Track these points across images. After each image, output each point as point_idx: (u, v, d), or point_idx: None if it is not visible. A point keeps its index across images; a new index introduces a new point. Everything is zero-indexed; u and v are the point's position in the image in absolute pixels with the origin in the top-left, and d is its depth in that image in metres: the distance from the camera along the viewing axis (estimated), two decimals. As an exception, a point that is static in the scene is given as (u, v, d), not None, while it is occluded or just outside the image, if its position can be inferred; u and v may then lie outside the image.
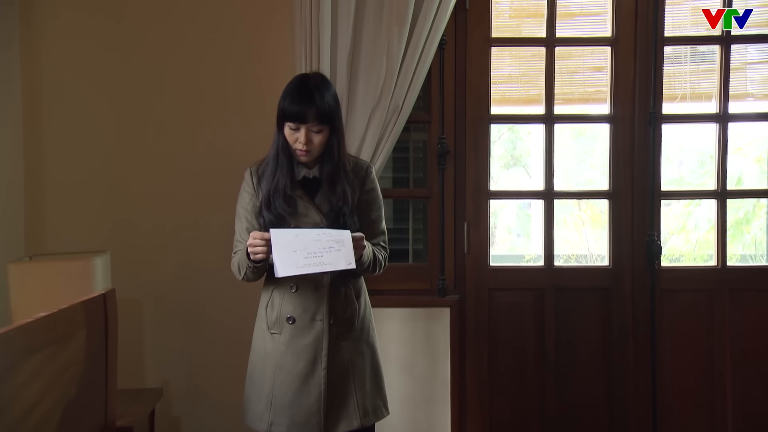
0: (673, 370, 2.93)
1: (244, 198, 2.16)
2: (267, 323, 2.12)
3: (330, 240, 1.94)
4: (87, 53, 2.84)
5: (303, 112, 2.00)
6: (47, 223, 2.85)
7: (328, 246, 1.93)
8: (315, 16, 2.62)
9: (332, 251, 1.93)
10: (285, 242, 1.93)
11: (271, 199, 2.06)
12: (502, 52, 3.02)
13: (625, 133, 2.92)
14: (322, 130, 2.04)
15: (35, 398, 1.60)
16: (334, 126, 2.07)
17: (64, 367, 1.77)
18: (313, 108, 2.00)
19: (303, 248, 1.93)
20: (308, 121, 2.01)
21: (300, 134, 2.02)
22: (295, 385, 2.06)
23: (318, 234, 1.95)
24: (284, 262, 1.92)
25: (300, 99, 2.02)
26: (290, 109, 2.02)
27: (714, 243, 3.00)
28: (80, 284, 2.43)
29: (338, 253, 1.93)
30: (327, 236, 1.94)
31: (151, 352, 2.88)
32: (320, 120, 2.02)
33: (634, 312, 2.92)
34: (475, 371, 2.91)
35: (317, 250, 1.93)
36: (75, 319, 1.86)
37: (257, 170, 2.15)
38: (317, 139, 2.04)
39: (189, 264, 2.85)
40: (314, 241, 1.93)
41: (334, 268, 1.95)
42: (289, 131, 2.05)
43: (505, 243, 4.80)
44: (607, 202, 2.98)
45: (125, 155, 2.85)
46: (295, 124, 2.02)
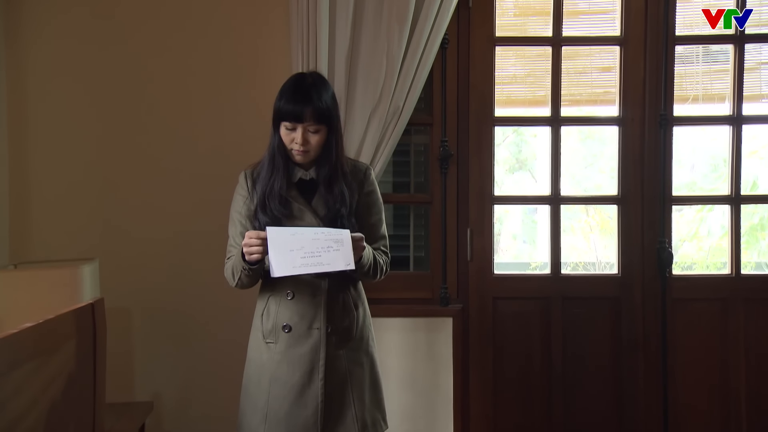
0: (685, 384, 2.93)
1: (238, 202, 2.16)
2: (262, 332, 2.12)
3: (328, 239, 1.94)
4: (73, 53, 2.84)
5: (300, 111, 2.01)
6: (33, 229, 2.85)
7: (327, 245, 1.93)
8: (312, 14, 2.63)
9: (330, 251, 1.93)
10: (282, 240, 1.92)
11: (267, 202, 2.06)
12: (507, 51, 3.02)
13: (635, 136, 2.93)
14: (320, 130, 2.05)
15: (20, 412, 1.60)
16: (331, 126, 2.07)
17: (51, 379, 1.76)
18: (310, 107, 2.01)
19: (300, 247, 1.92)
20: (305, 121, 2.02)
21: (297, 134, 2.03)
22: (291, 397, 2.06)
23: (316, 233, 1.95)
24: (281, 261, 1.92)
25: (297, 98, 2.02)
26: (286, 108, 2.03)
27: (728, 250, 3.01)
28: (67, 293, 2.43)
29: (337, 252, 1.93)
30: (325, 235, 1.94)
31: (141, 364, 2.88)
32: (318, 119, 2.03)
33: (644, 322, 2.92)
34: (479, 384, 2.91)
35: (315, 250, 1.93)
36: (62, 329, 1.85)
37: (252, 173, 2.16)
38: (314, 139, 2.05)
39: (181, 272, 2.85)
40: (312, 240, 1.93)
41: (333, 269, 1.94)
42: (286, 131, 2.05)
43: (510, 250, 4.80)
44: (616, 207, 2.99)
45: (113, 159, 2.86)
46: (292, 123, 2.03)
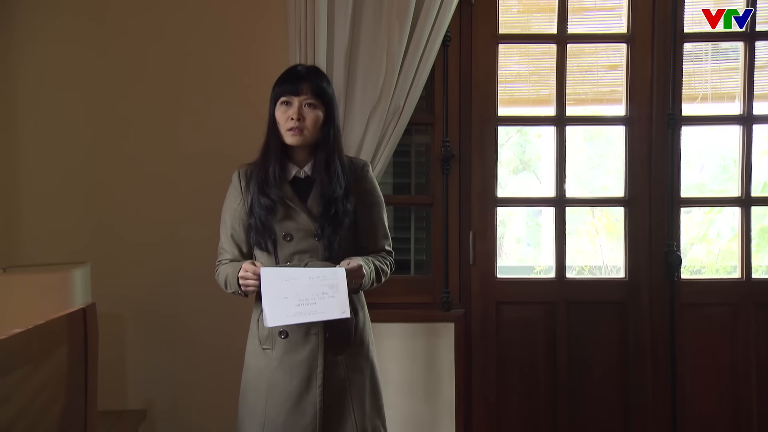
0: (695, 391, 2.93)
1: (230, 203, 2.17)
2: (259, 338, 2.12)
3: (323, 284, 1.96)
4: (62, 53, 2.84)
5: (296, 85, 2.06)
6: (22, 232, 2.85)
7: (321, 292, 1.96)
8: (310, 10, 2.63)
9: (325, 298, 1.95)
10: (276, 288, 1.95)
11: (259, 199, 2.07)
12: (511, 49, 3.03)
13: (642, 136, 2.93)
14: (317, 107, 2.06)
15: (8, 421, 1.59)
16: (329, 113, 2.09)
17: (41, 387, 1.76)
18: (308, 82, 2.06)
19: (294, 294, 1.95)
20: (302, 94, 2.05)
21: (292, 109, 2.05)
22: (288, 405, 2.05)
23: (311, 278, 1.97)
24: (274, 311, 1.95)
25: (293, 76, 2.09)
26: (284, 85, 2.08)
27: (738, 253, 3.01)
28: (58, 298, 2.42)
29: (332, 300, 1.95)
30: (320, 280, 1.96)
31: (133, 371, 2.88)
32: (315, 94, 2.06)
33: (652, 328, 2.92)
34: (482, 391, 2.91)
35: (309, 297, 1.95)
36: (52, 335, 1.85)
37: (246, 172, 2.16)
38: (310, 116, 2.06)
39: (175, 276, 2.85)
40: (307, 287, 1.95)
41: (328, 317, 1.97)
42: (282, 111, 2.07)
43: (514, 253, 4.81)
44: (622, 209, 2.99)
45: (104, 159, 2.85)
46: (288, 96, 2.06)
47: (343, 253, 2.08)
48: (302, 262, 2.07)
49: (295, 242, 2.07)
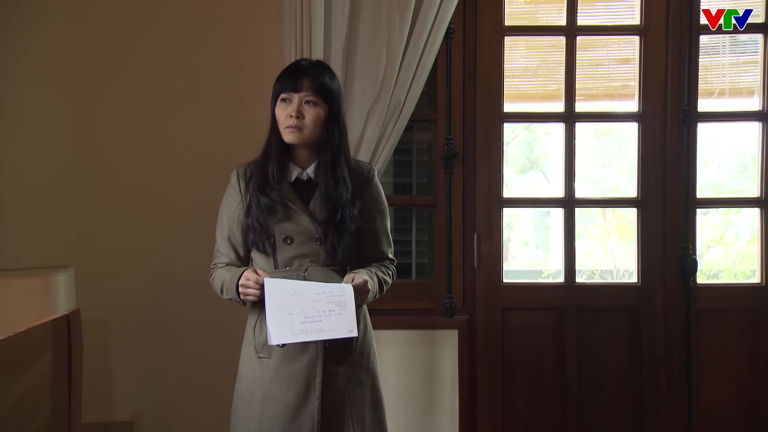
0: (711, 402, 2.93)
1: (228, 203, 2.16)
2: (255, 346, 2.11)
3: (330, 302, 1.95)
4: (43, 50, 2.82)
5: (296, 81, 2.06)
6: (3, 234, 2.84)
7: (328, 309, 1.95)
8: (306, 1, 2.63)
9: (332, 315, 1.95)
10: (280, 303, 1.94)
11: (258, 199, 2.07)
12: (517, 41, 3.04)
13: (656, 133, 2.93)
14: (317, 104, 2.06)
15: (-12, 434, 1.59)
16: (332, 111, 2.09)
17: (22, 398, 1.76)
18: (308, 77, 2.06)
19: (300, 311, 1.94)
20: (302, 90, 2.05)
21: (291, 106, 2.05)
22: (285, 417, 2.04)
23: (317, 294, 1.96)
24: (279, 328, 1.94)
25: (294, 72, 2.09)
26: (283, 82, 2.08)
27: (757, 257, 3.01)
28: (40, 304, 2.42)
29: (339, 317, 1.95)
30: (327, 296, 1.96)
31: (119, 382, 2.88)
32: (316, 90, 2.05)
33: (666, 335, 2.93)
34: (487, 402, 2.91)
35: (315, 314, 1.95)
36: (34, 343, 1.85)
37: (245, 172, 2.15)
38: (310, 114, 2.05)
39: (163, 282, 2.85)
40: (313, 303, 1.95)
41: (334, 336, 1.96)
42: (282, 108, 2.07)
43: (521, 257, 4.81)
44: (635, 210, 2.99)
45: (89, 161, 2.85)
46: (288, 93, 2.06)
47: (345, 260, 2.09)
48: (302, 266, 2.06)
49: (295, 245, 2.07)
